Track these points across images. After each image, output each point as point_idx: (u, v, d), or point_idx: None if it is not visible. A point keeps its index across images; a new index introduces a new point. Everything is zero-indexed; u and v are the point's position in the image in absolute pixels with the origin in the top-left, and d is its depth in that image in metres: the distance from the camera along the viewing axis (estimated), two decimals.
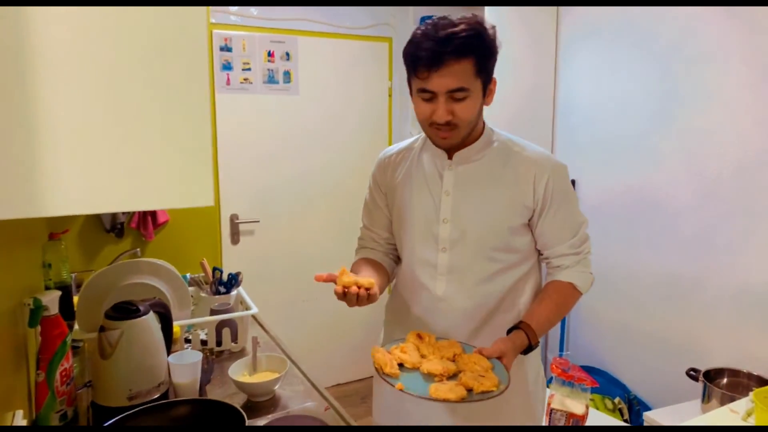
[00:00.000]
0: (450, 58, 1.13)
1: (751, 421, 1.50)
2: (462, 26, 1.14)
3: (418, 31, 1.18)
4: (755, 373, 2.01)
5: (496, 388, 1.07)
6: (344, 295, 1.12)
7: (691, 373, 2.09)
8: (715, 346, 2.21)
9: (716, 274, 2.20)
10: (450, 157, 1.31)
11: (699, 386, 2.02)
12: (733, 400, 1.74)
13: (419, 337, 1.24)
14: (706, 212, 2.22)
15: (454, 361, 1.17)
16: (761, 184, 2.03)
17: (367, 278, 1.15)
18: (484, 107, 1.27)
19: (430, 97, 1.18)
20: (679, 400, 2.15)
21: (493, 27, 1.20)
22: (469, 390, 1.07)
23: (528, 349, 1.24)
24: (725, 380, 2.06)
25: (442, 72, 1.14)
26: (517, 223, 1.29)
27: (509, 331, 1.25)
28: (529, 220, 1.31)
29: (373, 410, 1.55)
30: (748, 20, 2.04)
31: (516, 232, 1.30)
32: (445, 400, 1.04)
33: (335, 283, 1.13)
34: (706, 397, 1.97)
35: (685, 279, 2.31)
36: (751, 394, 1.47)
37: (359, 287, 1.12)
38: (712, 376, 2.04)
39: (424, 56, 1.14)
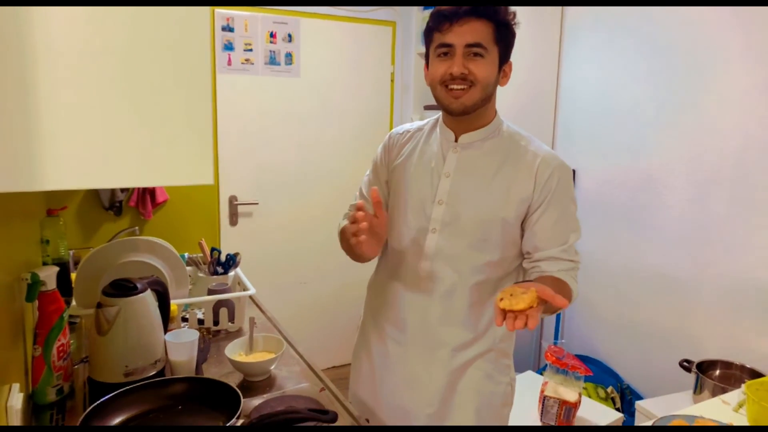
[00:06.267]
0: (470, 12, 1.18)
1: (743, 413, 1.52)
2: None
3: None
4: (748, 366, 2.02)
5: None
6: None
7: (685, 364, 2.10)
8: (708, 338, 2.23)
9: (712, 267, 2.20)
10: (456, 139, 1.30)
11: (692, 377, 2.03)
12: (725, 391, 1.76)
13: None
14: (703, 206, 2.22)
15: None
16: (758, 180, 2.03)
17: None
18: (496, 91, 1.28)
19: (448, 51, 1.21)
20: (671, 390, 2.16)
21: (514, 13, 1.24)
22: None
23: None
24: (718, 372, 2.07)
25: (461, 22, 1.19)
26: (511, 216, 1.26)
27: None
28: (524, 218, 1.27)
29: (350, 382, 1.55)
30: (751, 16, 2.02)
31: (508, 226, 1.26)
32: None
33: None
34: (698, 388, 1.99)
35: (680, 271, 2.32)
36: (743, 386, 1.48)
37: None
38: (704, 367, 2.05)
39: (446, 11, 1.19)
